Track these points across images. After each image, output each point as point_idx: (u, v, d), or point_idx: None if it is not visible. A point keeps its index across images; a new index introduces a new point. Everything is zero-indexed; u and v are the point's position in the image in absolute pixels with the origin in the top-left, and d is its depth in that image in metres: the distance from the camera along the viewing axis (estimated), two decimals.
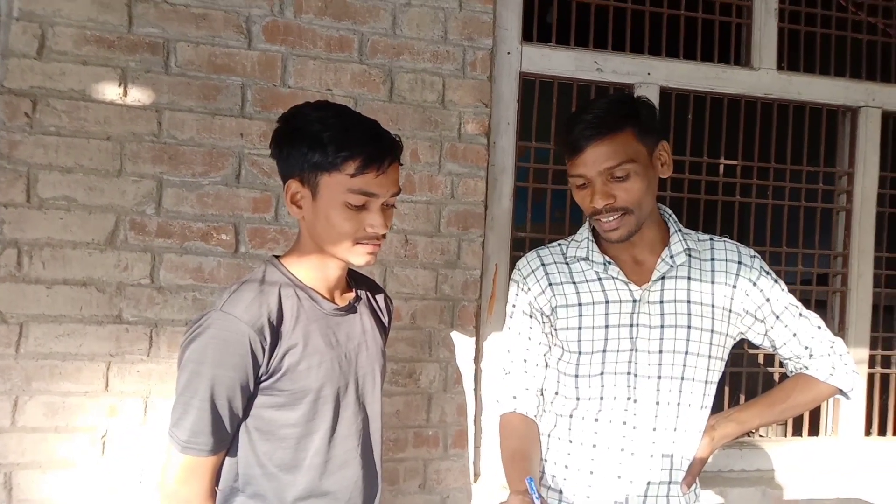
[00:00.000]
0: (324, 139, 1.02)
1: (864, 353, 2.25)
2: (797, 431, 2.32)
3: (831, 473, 2.20)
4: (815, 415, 2.31)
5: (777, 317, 1.24)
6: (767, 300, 1.24)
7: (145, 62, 1.65)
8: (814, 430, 2.32)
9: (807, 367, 1.26)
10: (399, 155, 1.09)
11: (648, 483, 1.20)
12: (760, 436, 2.34)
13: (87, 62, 1.61)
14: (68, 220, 1.60)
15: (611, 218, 1.16)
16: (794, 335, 1.25)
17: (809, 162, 2.29)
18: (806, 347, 1.25)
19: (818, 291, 2.29)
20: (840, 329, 2.26)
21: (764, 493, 2.09)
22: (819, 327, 1.26)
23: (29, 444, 1.57)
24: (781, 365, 1.87)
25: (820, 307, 2.29)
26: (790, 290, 1.28)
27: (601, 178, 1.14)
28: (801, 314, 1.26)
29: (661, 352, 1.19)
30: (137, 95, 1.64)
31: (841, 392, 1.26)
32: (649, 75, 2.08)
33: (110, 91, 1.63)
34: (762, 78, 2.17)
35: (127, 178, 1.64)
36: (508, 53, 1.98)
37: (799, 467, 2.20)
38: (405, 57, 1.83)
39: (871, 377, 2.32)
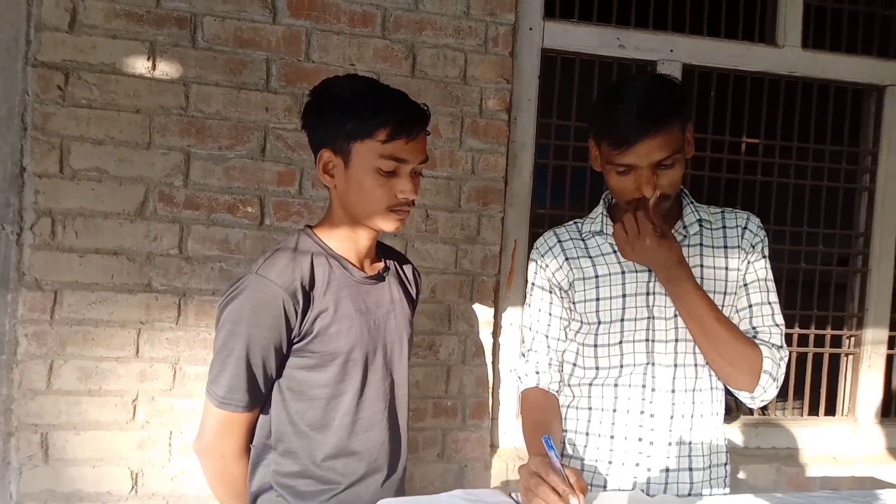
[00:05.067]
0: (357, 107, 1.06)
1: (884, 333, 2.24)
2: (813, 411, 2.33)
3: (846, 453, 2.22)
4: (831, 395, 2.31)
5: (746, 284, 1.24)
6: (750, 263, 1.24)
7: (173, 36, 1.67)
8: (830, 411, 2.33)
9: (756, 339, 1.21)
10: (427, 124, 1.13)
11: (669, 444, 1.23)
12: (775, 415, 2.35)
13: (116, 36, 1.64)
14: (100, 191, 1.64)
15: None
16: (749, 307, 1.23)
17: (833, 141, 2.27)
18: (753, 328, 1.22)
19: (838, 272, 2.28)
20: (860, 309, 2.25)
21: (778, 470, 2.11)
22: (777, 324, 1.22)
23: (64, 406, 1.63)
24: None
25: (840, 288, 2.29)
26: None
27: (650, 168, 1.15)
28: (770, 298, 1.23)
29: (676, 316, 1.22)
30: (165, 69, 1.67)
31: (747, 390, 1.19)
32: (672, 52, 2.06)
33: (139, 65, 1.65)
34: (787, 56, 2.15)
35: (156, 151, 1.67)
36: (530, 29, 1.98)
37: (814, 446, 2.22)
38: (427, 32, 1.83)
39: (889, 358, 2.32)
